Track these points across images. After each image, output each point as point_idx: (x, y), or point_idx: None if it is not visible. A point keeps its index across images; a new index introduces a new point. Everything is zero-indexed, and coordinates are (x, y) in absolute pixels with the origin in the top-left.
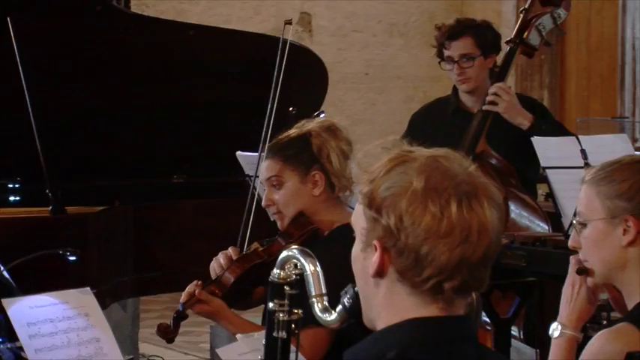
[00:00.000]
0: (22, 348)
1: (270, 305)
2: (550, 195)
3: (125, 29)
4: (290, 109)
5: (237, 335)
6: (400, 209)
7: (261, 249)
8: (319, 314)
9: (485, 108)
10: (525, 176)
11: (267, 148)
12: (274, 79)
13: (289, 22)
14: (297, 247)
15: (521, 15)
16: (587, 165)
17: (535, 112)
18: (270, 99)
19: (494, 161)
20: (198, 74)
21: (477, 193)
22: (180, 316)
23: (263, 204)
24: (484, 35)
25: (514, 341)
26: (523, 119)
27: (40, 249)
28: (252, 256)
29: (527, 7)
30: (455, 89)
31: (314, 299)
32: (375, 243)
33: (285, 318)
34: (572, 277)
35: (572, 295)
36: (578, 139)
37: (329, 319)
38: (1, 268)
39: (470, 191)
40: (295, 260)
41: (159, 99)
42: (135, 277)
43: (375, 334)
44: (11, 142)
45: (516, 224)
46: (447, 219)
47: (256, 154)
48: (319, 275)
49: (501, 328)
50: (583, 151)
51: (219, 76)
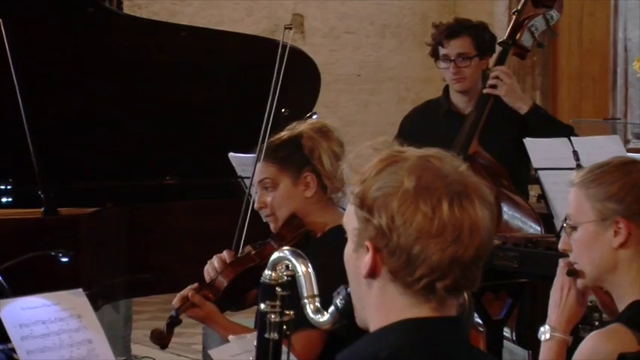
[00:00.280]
0: (14, 349)
1: (262, 306)
2: (542, 196)
3: (118, 31)
4: (282, 110)
5: (230, 337)
6: (392, 209)
7: (254, 252)
8: (311, 315)
9: (486, 91)
10: (517, 178)
11: (258, 150)
12: (273, 83)
13: (289, 27)
14: (288, 248)
15: (514, 16)
16: (579, 166)
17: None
18: (269, 102)
19: (486, 162)
20: (190, 76)
21: (469, 192)
22: (174, 322)
23: (255, 206)
24: (482, 36)
25: (506, 342)
26: (523, 103)
27: (33, 250)
28: (244, 260)
29: (519, 8)
30: (446, 91)
31: (306, 300)
32: (367, 243)
33: (277, 319)
34: (560, 279)
35: (561, 298)
36: (570, 140)
37: (321, 320)
38: None
39: (461, 191)
40: (287, 261)
41: (151, 100)
42: (127, 278)
43: (368, 335)
44: (3, 143)
45: (508, 225)
46: (438, 218)
47: (248, 155)
48: (311, 276)
49: (493, 329)
50: (575, 153)
51: (211, 78)
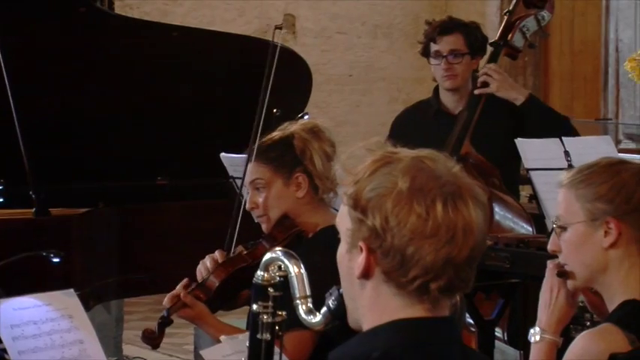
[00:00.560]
0: (5, 350)
1: (254, 307)
2: (534, 196)
3: (109, 31)
4: (274, 110)
5: (221, 337)
6: (385, 210)
7: (246, 252)
8: (304, 316)
9: (478, 91)
10: (509, 178)
11: (249, 151)
12: (263, 83)
13: (279, 27)
14: (281, 248)
15: (505, 17)
16: (570, 166)
17: (520, 110)
18: (260, 103)
19: (478, 163)
20: (182, 76)
21: (462, 193)
22: (165, 322)
23: (247, 207)
24: (474, 35)
25: (498, 342)
26: (518, 94)
27: (24, 251)
28: (236, 260)
29: (511, 9)
30: (436, 91)
31: (298, 301)
32: (361, 244)
33: (269, 320)
34: (550, 281)
35: (550, 299)
36: (561, 140)
37: (313, 320)
38: None
39: (455, 191)
40: (279, 262)
41: (143, 100)
42: (119, 278)
43: (361, 334)
44: None
45: (500, 226)
46: (432, 219)
47: (240, 155)
48: (303, 277)
49: (485, 329)
50: (567, 153)
51: (203, 78)
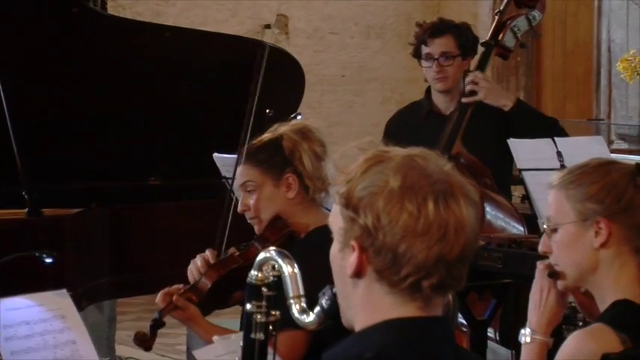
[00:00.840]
0: None
1: (248, 307)
2: (526, 197)
3: (102, 31)
4: (267, 111)
5: (214, 337)
6: (377, 208)
7: (238, 254)
8: (297, 316)
9: (466, 100)
10: (500, 178)
11: (238, 154)
12: (253, 83)
13: (268, 26)
14: (274, 248)
15: (497, 17)
16: (562, 167)
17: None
18: (249, 103)
19: (469, 163)
20: (174, 76)
21: (454, 191)
22: (158, 324)
23: (239, 209)
24: (465, 36)
25: (490, 343)
26: (506, 100)
27: (16, 251)
28: (228, 261)
29: (502, 8)
30: (427, 92)
31: (292, 300)
32: (353, 243)
33: (263, 319)
34: (540, 282)
35: (540, 300)
36: (554, 141)
37: (307, 320)
38: None
39: (446, 190)
40: (273, 262)
41: (136, 101)
42: (111, 279)
43: (354, 334)
44: None
45: (492, 226)
46: (424, 217)
47: (233, 156)
48: (297, 277)
49: (477, 329)
50: (559, 153)
51: (195, 78)
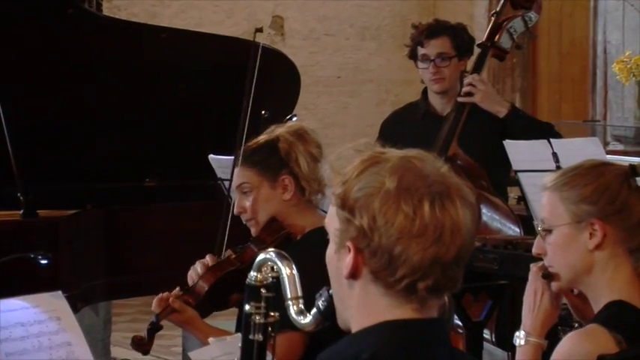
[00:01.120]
0: None
1: (247, 308)
2: (522, 198)
3: (97, 32)
4: (262, 112)
5: (210, 339)
6: (373, 209)
7: (234, 256)
8: (294, 317)
9: (461, 100)
10: (496, 179)
11: (235, 156)
12: (247, 84)
13: (260, 30)
14: (273, 249)
15: (493, 18)
16: (558, 168)
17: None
18: (244, 104)
19: (465, 164)
20: (170, 77)
21: (450, 193)
22: (155, 328)
23: (235, 211)
24: (460, 37)
25: (486, 344)
26: (501, 107)
27: (12, 253)
28: (225, 264)
29: (498, 10)
30: (424, 93)
31: (289, 302)
32: (349, 244)
33: (262, 321)
34: (533, 284)
35: (534, 302)
36: (549, 142)
37: (304, 322)
38: None
39: (443, 191)
40: (272, 263)
41: (131, 102)
42: (107, 280)
43: (350, 336)
44: None
45: (488, 227)
46: (419, 219)
47: (228, 157)
48: (295, 278)
49: (473, 331)
50: (555, 155)
51: (191, 79)
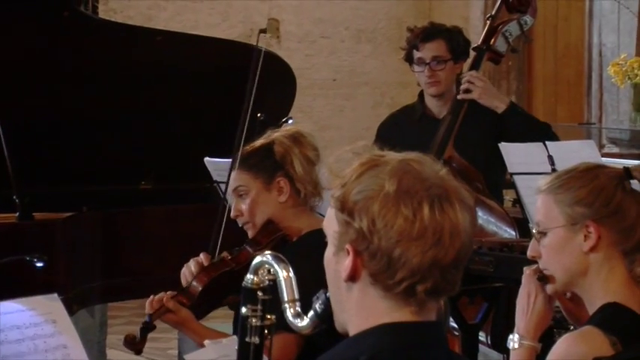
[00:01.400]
0: None
1: (243, 310)
2: (517, 201)
3: (93, 35)
4: (258, 115)
5: (205, 341)
6: (372, 212)
7: (230, 257)
8: (291, 319)
9: (460, 97)
10: (492, 182)
11: (232, 160)
12: (248, 88)
13: (264, 31)
14: (270, 252)
15: (488, 21)
16: (554, 171)
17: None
18: (244, 108)
19: (461, 167)
20: (165, 80)
21: (449, 196)
22: (148, 327)
23: (232, 215)
24: (456, 40)
25: (481, 347)
26: (499, 102)
27: (7, 255)
28: (220, 265)
29: (493, 13)
30: (420, 96)
31: (286, 304)
32: (348, 247)
33: (258, 323)
34: (527, 287)
35: (528, 305)
36: (545, 145)
37: (300, 324)
38: None
39: (442, 194)
40: (268, 266)
41: (127, 104)
42: (103, 283)
43: (349, 339)
44: None
45: (483, 230)
46: (419, 221)
47: (224, 160)
48: (292, 281)
49: (469, 333)
50: (550, 157)
51: (187, 82)
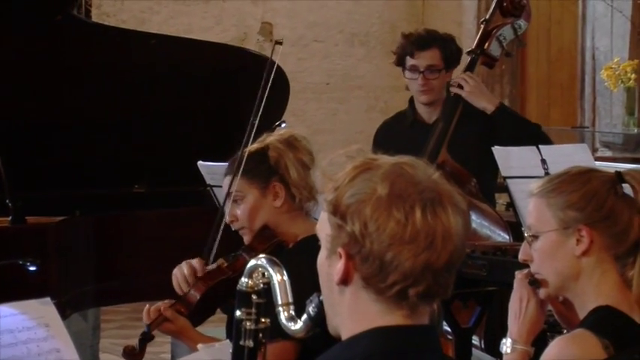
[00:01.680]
0: None
1: (238, 314)
2: (511, 204)
3: (86, 39)
4: (251, 118)
5: (199, 345)
6: (365, 216)
7: (226, 265)
8: (285, 323)
9: (453, 90)
10: (485, 185)
11: (228, 165)
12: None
13: (280, 42)
14: (265, 256)
15: (482, 26)
16: (547, 174)
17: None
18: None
19: (454, 171)
20: (159, 84)
21: (442, 199)
22: (147, 338)
23: (227, 220)
24: (450, 49)
25: (475, 350)
26: (487, 103)
27: (0, 259)
28: (216, 273)
29: (487, 17)
30: (411, 102)
31: (280, 308)
32: (340, 250)
33: (252, 327)
34: (519, 291)
35: (520, 310)
36: (538, 148)
37: (294, 328)
38: None
39: (434, 198)
40: (262, 269)
41: (120, 108)
42: (96, 287)
43: (342, 342)
44: None
45: (477, 234)
46: (411, 225)
47: (217, 164)
48: (286, 284)
49: (462, 337)
50: (544, 161)
51: (181, 86)
